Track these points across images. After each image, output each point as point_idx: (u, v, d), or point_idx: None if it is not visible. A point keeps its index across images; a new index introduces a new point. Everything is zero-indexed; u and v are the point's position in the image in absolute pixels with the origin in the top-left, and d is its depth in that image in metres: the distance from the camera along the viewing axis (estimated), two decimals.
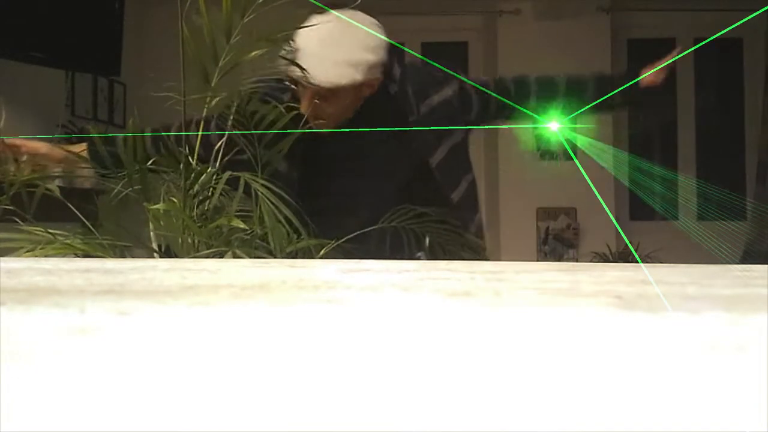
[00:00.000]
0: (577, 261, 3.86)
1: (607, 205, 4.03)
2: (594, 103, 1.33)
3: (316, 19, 1.11)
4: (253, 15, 0.97)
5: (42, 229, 0.87)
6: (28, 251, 0.85)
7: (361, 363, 0.23)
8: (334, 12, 1.15)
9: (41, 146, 1.23)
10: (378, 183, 1.28)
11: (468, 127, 1.35)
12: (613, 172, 3.87)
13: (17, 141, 1.19)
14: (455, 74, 1.36)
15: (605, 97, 1.37)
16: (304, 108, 1.17)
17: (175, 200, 0.92)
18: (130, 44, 3.40)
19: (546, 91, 1.39)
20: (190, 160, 0.94)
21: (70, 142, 3.11)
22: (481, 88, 1.35)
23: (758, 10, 3.97)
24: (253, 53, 0.98)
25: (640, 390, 0.21)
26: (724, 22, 4.13)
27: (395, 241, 1.13)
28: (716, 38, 4.21)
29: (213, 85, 0.96)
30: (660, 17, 3.84)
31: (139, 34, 3.64)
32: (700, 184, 4.25)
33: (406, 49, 1.45)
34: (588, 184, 3.77)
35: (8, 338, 0.25)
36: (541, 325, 0.27)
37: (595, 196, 3.87)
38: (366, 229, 1.03)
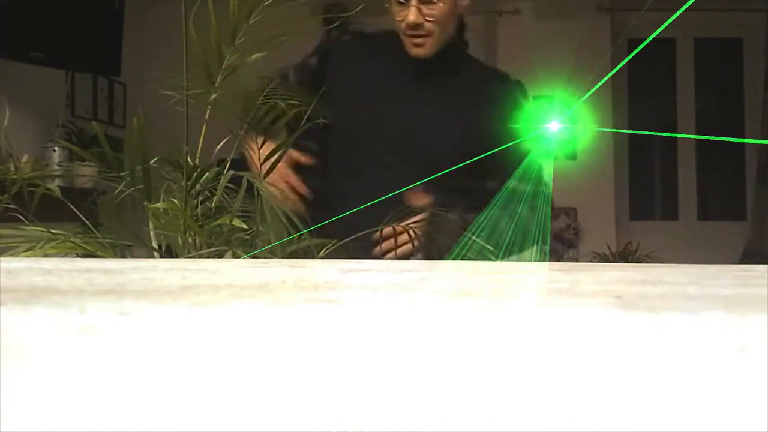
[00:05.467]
0: (577, 261, 3.86)
1: (607, 205, 4.03)
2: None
3: None
4: (259, 17, 0.97)
5: (44, 229, 0.88)
6: (27, 250, 0.85)
7: (361, 363, 0.23)
8: None
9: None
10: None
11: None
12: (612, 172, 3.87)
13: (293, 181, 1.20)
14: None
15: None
16: (412, 15, 1.21)
17: (175, 200, 0.92)
18: (130, 44, 3.40)
19: None
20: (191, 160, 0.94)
21: (71, 142, 3.11)
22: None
23: (758, 10, 3.97)
24: (256, 55, 0.98)
25: (640, 390, 0.21)
26: (724, 22, 4.13)
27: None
28: (716, 38, 4.22)
29: (216, 84, 0.96)
30: (660, 17, 3.85)
31: (139, 34, 3.64)
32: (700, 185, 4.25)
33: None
34: (588, 184, 3.78)
35: (8, 338, 0.25)
36: (541, 325, 0.27)
37: (596, 196, 3.87)
38: (368, 231, 1.03)
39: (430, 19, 1.27)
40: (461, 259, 1.01)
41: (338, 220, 0.95)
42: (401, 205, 1.10)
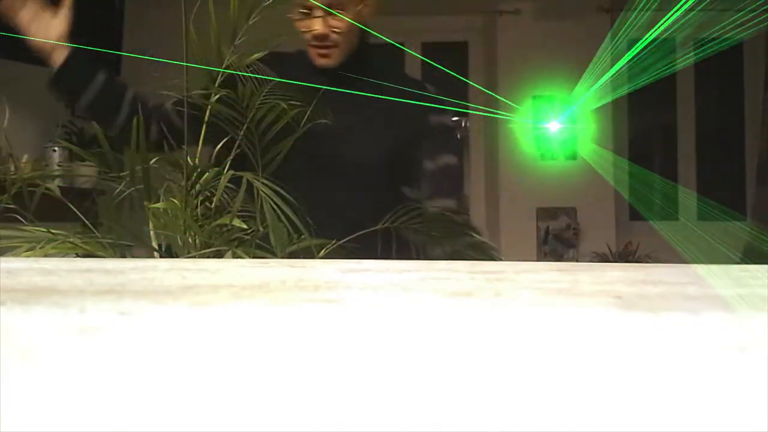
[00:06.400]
0: (577, 261, 3.86)
1: (606, 205, 4.03)
2: None
3: None
4: (258, 17, 0.97)
5: (44, 229, 0.88)
6: (28, 250, 0.85)
7: (361, 363, 0.23)
8: None
9: None
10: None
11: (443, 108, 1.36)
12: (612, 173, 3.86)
13: None
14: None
15: None
16: (318, 26, 1.21)
17: (175, 200, 0.92)
18: (130, 44, 3.40)
19: None
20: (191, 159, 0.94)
21: (71, 142, 3.11)
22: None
23: (758, 10, 3.96)
24: (256, 55, 0.98)
25: (641, 390, 0.21)
26: (723, 22, 4.13)
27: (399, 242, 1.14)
28: (716, 38, 4.21)
29: (216, 84, 0.96)
30: (660, 17, 3.84)
31: (139, 34, 3.64)
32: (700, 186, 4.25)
33: (407, 50, 1.47)
34: (588, 184, 3.78)
35: (8, 338, 0.25)
36: (541, 325, 0.27)
37: (596, 196, 3.87)
38: (368, 230, 1.03)
39: (336, 30, 1.26)
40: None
41: (315, 223, 0.95)
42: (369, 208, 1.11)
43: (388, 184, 1.31)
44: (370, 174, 1.31)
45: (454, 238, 1.13)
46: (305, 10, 1.26)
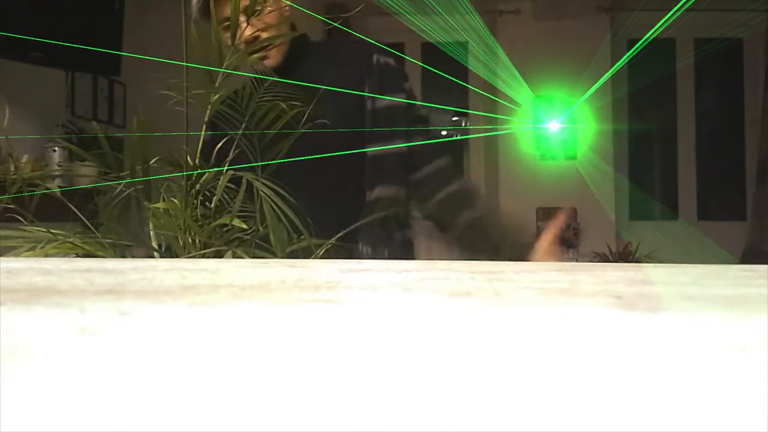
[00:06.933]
0: (577, 261, 3.86)
1: (607, 205, 4.03)
2: None
3: None
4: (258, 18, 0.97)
5: (44, 229, 0.88)
6: (28, 250, 0.85)
7: (361, 363, 0.23)
8: None
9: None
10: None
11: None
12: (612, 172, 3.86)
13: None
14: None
15: None
16: (246, 31, 1.21)
17: (175, 200, 0.92)
18: (130, 44, 3.40)
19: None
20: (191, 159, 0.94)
21: (71, 141, 3.12)
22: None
23: (758, 9, 3.97)
24: (256, 55, 0.98)
25: (640, 390, 0.21)
26: (724, 22, 4.13)
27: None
28: (716, 38, 4.22)
29: (216, 85, 0.96)
30: (660, 17, 3.84)
31: (139, 34, 3.64)
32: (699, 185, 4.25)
33: (407, 57, 1.47)
34: (588, 184, 3.78)
35: (8, 338, 0.25)
36: (541, 325, 0.27)
37: (595, 196, 3.87)
38: (362, 221, 1.03)
39: (263, 28, 1.27)
40: None
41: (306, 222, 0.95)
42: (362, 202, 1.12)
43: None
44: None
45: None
46: (227, 23, 1.26)
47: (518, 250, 1.20)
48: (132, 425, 0.20)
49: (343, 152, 1.21)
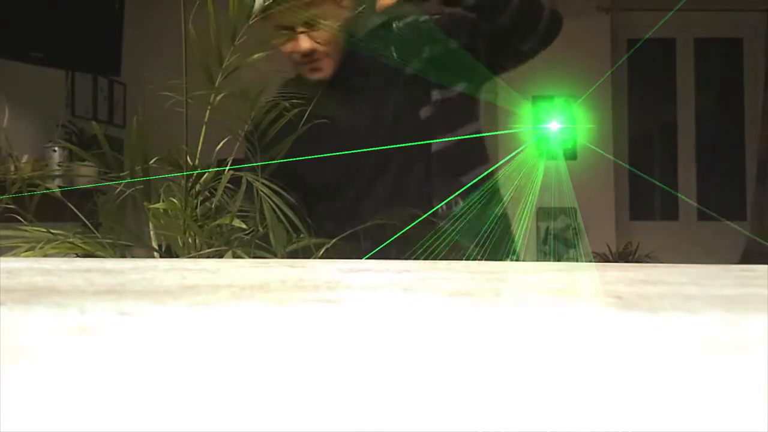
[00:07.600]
0: (577, 261, 3.85)
1: (607, 205, 4.03)
2: None
3: None
4: (259, 17, 0.97)
5: (44, 229, 0.88)
6: (28, 250, 0.85)
7: (361, 363, 0.23)
8: None
9: None
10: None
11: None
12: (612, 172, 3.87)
13: None
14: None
15: None
16: (306, 43, 1.21)
17: (175, 200, 0.92)
18: (130, 44, 3.40)
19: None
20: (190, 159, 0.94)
21: (70, 141, 3.12)
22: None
23: (759, 9, 3.97)
24: (256, 55, 0.98)
25: (640, 390, 0.21)
26: (724, 22, 4.13)
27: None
28: (716, 38, 4.22)
29: (216, 85, 0.96)
30: (660, 17, 3.84)
31: (139, 34, 3.64)
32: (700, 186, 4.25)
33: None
34: (588, 184, 3.78)
35: (7, 338, 0.25)
36: (540, 325, 0.27)
37: (596, 196, 3.87)
38: (361, 226, 1.03)
39: (322, 42, 1.25)
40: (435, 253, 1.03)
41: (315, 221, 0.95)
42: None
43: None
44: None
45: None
46: (286, 31, 1.25)
47: None
48: (132, 425, 0.20)
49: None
